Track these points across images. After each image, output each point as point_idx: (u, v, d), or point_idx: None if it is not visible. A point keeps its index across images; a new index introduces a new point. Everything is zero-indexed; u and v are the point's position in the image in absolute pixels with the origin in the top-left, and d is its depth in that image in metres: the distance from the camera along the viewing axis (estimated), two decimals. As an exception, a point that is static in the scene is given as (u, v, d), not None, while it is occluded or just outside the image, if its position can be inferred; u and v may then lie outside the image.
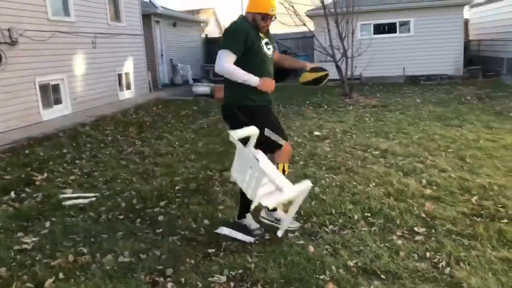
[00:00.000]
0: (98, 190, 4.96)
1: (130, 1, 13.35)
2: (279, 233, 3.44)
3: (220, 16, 34.29)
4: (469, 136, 6.76)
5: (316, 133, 7.42)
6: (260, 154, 3.34)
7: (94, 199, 4.64)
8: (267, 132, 3.44)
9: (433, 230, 3.58)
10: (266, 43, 3.53)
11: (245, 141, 3.27)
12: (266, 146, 3.48)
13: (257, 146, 3.47)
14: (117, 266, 3.20)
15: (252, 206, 3.17)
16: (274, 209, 3.70)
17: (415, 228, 3.63)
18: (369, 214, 3.95)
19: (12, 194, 4.86)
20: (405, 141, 6.63)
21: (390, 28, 15.70)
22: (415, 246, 3.32)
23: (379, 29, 15.76)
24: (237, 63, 3.34)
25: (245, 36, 3.32)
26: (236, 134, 3.16)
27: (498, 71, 14.54)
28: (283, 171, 3.57)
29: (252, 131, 3.26)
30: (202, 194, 4.70)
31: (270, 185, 3.14)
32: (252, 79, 3.36)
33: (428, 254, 3.19)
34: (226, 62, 3.31)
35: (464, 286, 2.75)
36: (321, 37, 12.52)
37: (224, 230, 3.72)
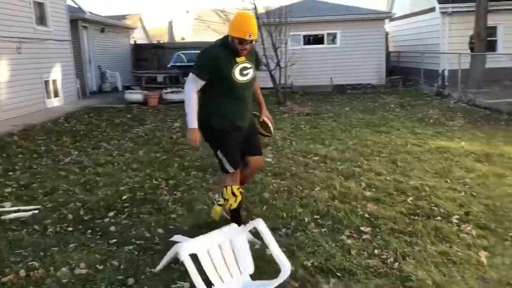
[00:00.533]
0: (39, 202, 4.76)
1: (57, 5, 12.84)
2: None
3: (146, 23, 33.83)
4: (398, 141, 7.27)
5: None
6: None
7: (36, 211, 4.45)
8: (219, 154, 3.59)
9: (378, 229, 3.85)
10: (243, 68, 3.47)
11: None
12: (219, 165, 3.67)
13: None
14: (74, 278, 3.12)
15: None
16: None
17: (361, 228, 3.88)
18: (318, 216, 4.16)
19: None
20: (341, 147, 6.99)
21: (319, 40, 16.38)
22: (364, 244, 3.56)
23: (309, 40, 16.39)
24: (209, 84, 3.45)
25: (212, 62, 3.39)
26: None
27: (416, 81, 15.66)
28: (233, 194, 3.63)
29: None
30: (151, 203, 4.67)
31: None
32: (189, 121, 3.47)
33: (376, 251, 3.44)
34: (191, 89, 3.45)
35: (412, 278, 3.01)
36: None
37: (179, 238, 3.73)
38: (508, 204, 4.33)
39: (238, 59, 3.44)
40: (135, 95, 13.01)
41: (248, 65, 3.51)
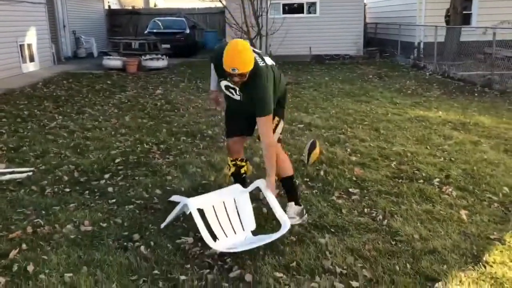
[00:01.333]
0: (32, 164, 4.80)
1: (30, -35, 12.37)
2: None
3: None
4: (379, 110, 7.52)
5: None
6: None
7: (31, 173, 4.50)
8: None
9: (365, 191, 4.09)
10: (228, 86, 3.39)
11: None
12: None
13: None
14: (81, 235, 3.25)
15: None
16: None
17: (350, 190, 4.11)
18: (308, 179, 4.36)
19: None
20: (324, 115, 7.18)
21: (298, 9, 16.35)
22: (353, 204, 3.79)
23: (288, 9, 16.34)
24: None
25: (213, 60, 3.47)
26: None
27: (393, 52, 15.92)
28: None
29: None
30: (144, 166, 4.78)
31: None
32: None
33: (365, 210, 3.68)
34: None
35: (401, 233, 3.25)
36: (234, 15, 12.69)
37: (177, 198, 3.88)
38: (484, 169, 4.63)
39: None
40: (114, 61, 12.80)
41: (237, 90, 3.36)
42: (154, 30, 17.98)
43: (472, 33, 13.45)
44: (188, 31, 18.33)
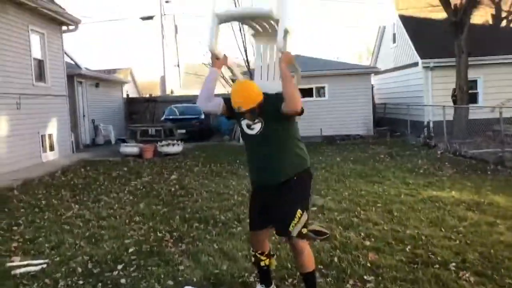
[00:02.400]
0: (47, 256, 4.84)
1: (55, 62, 13.24)
2: None
3: (137, 76, 34.47)
4: (391, 191, 7.52)
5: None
6: None
7: (45, 265, 4.53)
8: None
9: (380, 278, 4.01)
10: (248, 125, 3.41)
11: None
12: None
13: None
14: (92, 331, 3.21)
15: None
16: None
17: (365, 277, 4.04)
18: (321, 267, 4.30)
19: (-49, 265, 4.59)
20: (337, 197, 7.20)
21: (308, 92, 16.97)
22: (369, 293, 3.72)
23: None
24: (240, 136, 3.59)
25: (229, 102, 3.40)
26: None
27: (403, 132, 16.17)
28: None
29: None
30: (157, 255, 4.78)
31: None
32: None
33: (381, 299, 3.60)
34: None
35: (418, 324, 3.16)
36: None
37: (190, 287, 3.87)
38: (501, 252, 4.53)
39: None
40: (131, 148, 13.20)
41: (258, 119, 3.35)
42: (171, 117, 18.70)
43: (479, 111, 13.71)
44: (203, 116, 19.00)
